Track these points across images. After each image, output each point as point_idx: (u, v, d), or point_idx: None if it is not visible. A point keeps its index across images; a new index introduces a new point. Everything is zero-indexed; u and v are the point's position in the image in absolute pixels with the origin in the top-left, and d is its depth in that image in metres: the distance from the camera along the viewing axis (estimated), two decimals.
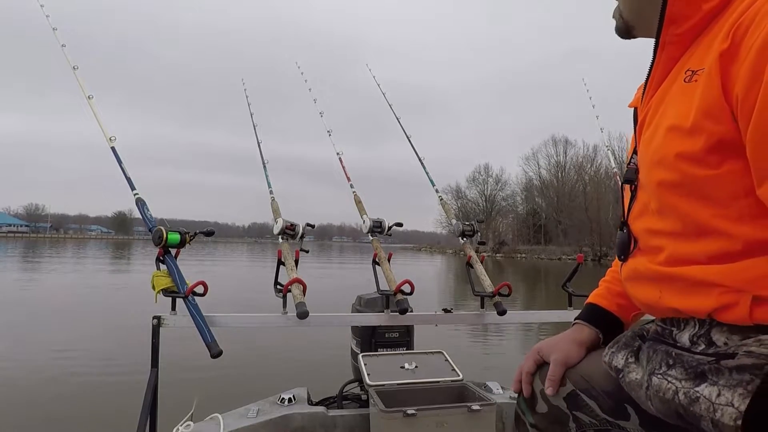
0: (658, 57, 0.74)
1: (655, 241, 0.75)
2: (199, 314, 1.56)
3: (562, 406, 0.88)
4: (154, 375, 1.56)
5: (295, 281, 1.69)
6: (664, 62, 0.74)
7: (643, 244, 0.79)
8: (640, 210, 0.79)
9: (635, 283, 0.81)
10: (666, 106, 0.72)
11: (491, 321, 1.91)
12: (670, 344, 0.73)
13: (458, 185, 70.29)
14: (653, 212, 0.75)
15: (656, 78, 0.76)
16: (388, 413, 1.64)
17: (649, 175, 0.73)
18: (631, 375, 0.75)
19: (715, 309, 0.66)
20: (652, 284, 0.75)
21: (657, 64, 0.75)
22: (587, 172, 56.36)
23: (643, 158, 0.76)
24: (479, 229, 2.14)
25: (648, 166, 0.73)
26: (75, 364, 5.44)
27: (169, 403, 1.74)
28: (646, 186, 0.75)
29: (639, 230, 0.80)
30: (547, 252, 51.05)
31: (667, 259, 0.72)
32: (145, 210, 1.76)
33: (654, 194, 0.73)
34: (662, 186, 0.70)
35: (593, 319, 0.97)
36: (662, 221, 0.73)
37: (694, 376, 0.65)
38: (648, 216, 0.77)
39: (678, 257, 0.70)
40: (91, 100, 1.85)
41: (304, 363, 5.45)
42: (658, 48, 0.74)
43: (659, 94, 0.75)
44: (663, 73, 0.75)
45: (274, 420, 1.90)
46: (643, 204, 0.78)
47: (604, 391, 0.82)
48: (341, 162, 2.26)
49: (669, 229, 0.72)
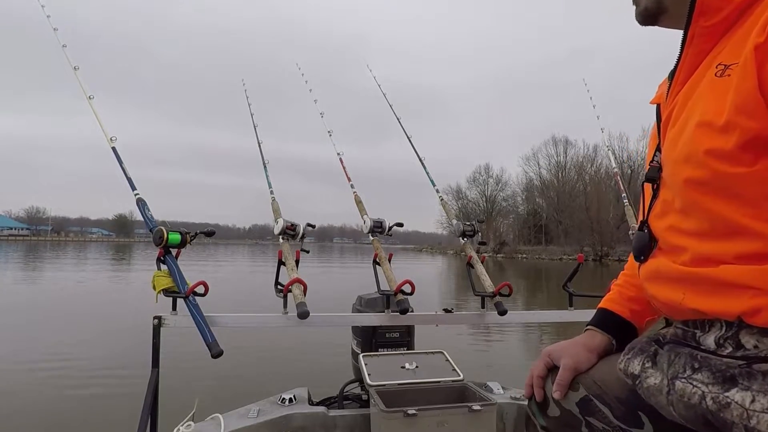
0: (685, 50, 0.71)
1: (678, 240, 0.72)
2: (199, 314, 1.56)
3: (574, 411, 0.87)
4: (155, 375, 1.56)
5: (295, 281, 1.70)
6: (692, 56, 0.71)
7: (665, 243, 0.76)
8: (662, 209, 0.77)
9: (656, 283, 0.78)
10: (695, 102, 0.69)
11: (492, 321, 1.91)
12: (693, 347, 0.70)
13: (459, 186, 70.39)
14: (677, 211, 0.72)
15: (683, 72, 0.73)
16: (388, 413, 1.64)
17: (674, 173, 0.71)
18: (649, 380, 0.73)
19: (746, 311, 0.63)
20: (675, 285, 0.73)
21: (684, 57, 0.72)
22: (588, 172, 56.43)
23: (668, 155, 0.73)
24: (479, 230, 2.14)
25: (674, 163, 0.71)
26: (75, 364, 5.45)
27: (169, 404, 1.74)
28: (671, 184, 0.73)
29: (660, 229, 0.77)
30: (548, 252, 51.02)
31: (692, 259, 0.69)
32: (146, 210, 1.76)
33: (680, 192, 0.70)
34: (689, 184, 0.67)
35: (605, 325, 0.95)
36: (687, 220, 0.70)
37: (723, 380, 0.63)
38: (671, 215, 0.74)
39: (704, 257, 0.68)
40: (92, 101, 1.86)
41: (304, 363, 5.45)
42: (686, 41, 0.71)
43: (686, 90, 0.72)
44: (691, 68, 0.72)
45: (275, 420, 1.90)
46: (665, 202, 0.76)
47: (617, 398, 0.81)
48: (341, 162, 2.26)
49: (694, 229, 0.69)
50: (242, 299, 10.06)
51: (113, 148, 1.81)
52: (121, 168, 1.80)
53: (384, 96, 2.59)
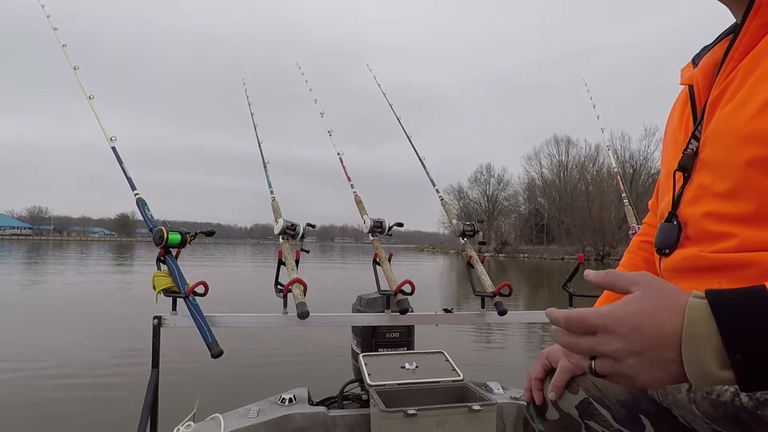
0: (748, 22, 0.66)
1: (719, 226, 0.67)
2: (199, 314, 1.56)
3: (573, 414, 0.85)
4: (155, 375, 1.56)
5: (295, 281, 1.70)
6: (755, 29, 0.66)
7: (698, 231, 0.71)
8: (695, 195, 0.72)
9: (686, 274, 0.72)
10: (761, 77, 0.64)
11: (492, 321, 1.90)
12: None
13: (460, 185, 70.49)
14: (720, 195, 0.67)
15: (743, 47, 0.67)
16: (388, 413, 1.64)
17: (730, 152, 0.65)
18: None
19: None
20: (710, 275, 0.67)
21: (746, 30, 0.66)
22: (589, 171, 56.37)
23: (720, 135, 0.68)
24: (480, 229, 2.14)
25: (730, 142, 0.65)
26: (75, 364, 5.45)
27: (169, 404, 1.74)
28: (721, 165, 0.67)
29: (694, 216, 0.72)
30: (550, 252, 50.97)
31: (739, 245, 0.64)
32: (146, 210, 1.76)
33: (733, 173, 0.65)
34: (751, 164, 0.62)
35: None
36: (734, 204, 0.65)
37: None
38: (708, 199, 0.69)
39: (756, 242, 0.62)
40: (92, 100, 1.86)
41: (304, 363, 5.45)
42: (751, 11, 0.66)
43: (747, 64, 0.66)
44: (752, 42, 0.66)
45: (275, 420, 1.90)
46: (701, 187, 0.70)
47: (618, 401, 0.80)
48: (342, 162, 2.26)
49: (743, 212, 0.64)
50: (242, 299, 10.07)
51: (113, 148, 1.81)
52: (121, 168, 1.80)
53: (384, 96, 2.59)
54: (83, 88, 1.87)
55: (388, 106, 2.57)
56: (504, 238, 61.93)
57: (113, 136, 1.82)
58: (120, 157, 1.80)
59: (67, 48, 1.95)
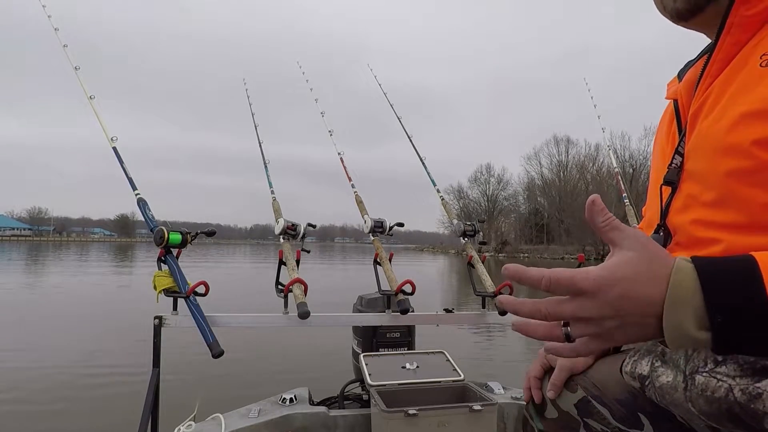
0: (722, 40, 0.70)
1: (707, 233, 0.69)
2: (200, 314, 1.56)
3: (572, 413, 0.85)
4: (156, 375, 1.56)
5: (296, 281, 1.70)
6: (729, 46, 0.70)
7: (686, 237, 0.73)
8: (683, 204, 0.74)
9: None
10: (737, 92, 0.67)
11: (493, 321, 1.91)
12: None
13: (460, 185, 70.56)
14: (707, 204, 0.70)
15: (718, 63, 0.71)
16: (389, 413, 1.64)
17: (712, 164, 0.68)
18: (661, 379, 0.71)
19: None
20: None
21: (720, 48, 0.70)
22: (589, 171, 56.36)
23: (701, 147, 0.71)
24: (480, 229, 2.14)
25: (711, 154, 0.68)
26: (76, 363, 5.45)
27: (170, 403, 1.74)
28: (705, 176, 0.70)
29: (682, 223, 0.74)
30: (550, 251, 50.96)
31: (725, 251, 0.66)
32: (147, 210, 1.76)
33: (716, 185, 0.68)
34: (731, 175, 0.65)
35: None
36: (721, 212, 0.67)
37: (753, 372, 0.61)
38: (697, 208, 0.71)
39: (741, 249, 0.63)
40: (93, 100, 1.86)
41: (305, 363, 5.45)
42: (723, 31, 0.69)
43: (723, 80, 0.70)
44: (726, 58, 0.70)
45: (276, 420, 1.90)
46: (690, 197, 0.73)
47: (617, 399, 0.80)
48: (342, 162, 2.26)
49: (730, 221, 0.66)
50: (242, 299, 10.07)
51: (114, 148, 1.82)
52: (121, 168, 1.80)
53: (385, 95, 2.59)
54: (84, 88, 1.87)
55: (389, 106, 2.57)
56: (504, 237, 61.95)
57: (114, 136, 1.82)
58: (121, 157, 1.80)
59: (68, 48, 1.95)
